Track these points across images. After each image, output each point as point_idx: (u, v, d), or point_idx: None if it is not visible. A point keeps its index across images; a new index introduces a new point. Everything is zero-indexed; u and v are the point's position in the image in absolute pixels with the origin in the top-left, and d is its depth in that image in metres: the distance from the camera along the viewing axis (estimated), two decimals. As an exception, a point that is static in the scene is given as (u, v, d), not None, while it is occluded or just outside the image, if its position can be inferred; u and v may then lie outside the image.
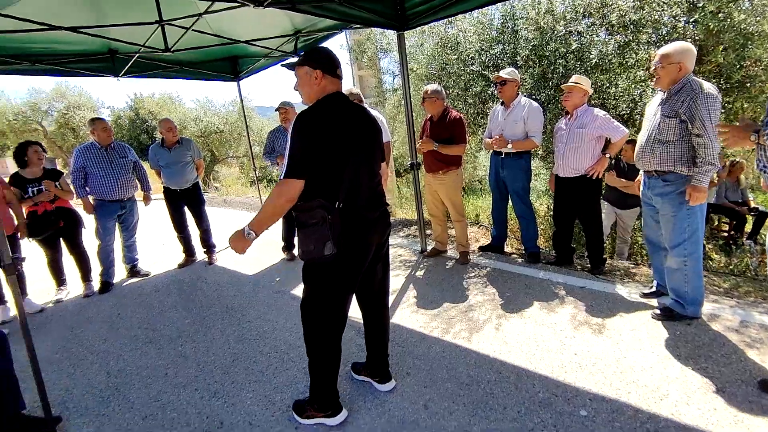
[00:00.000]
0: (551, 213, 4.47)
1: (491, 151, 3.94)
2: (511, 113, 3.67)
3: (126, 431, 2.12)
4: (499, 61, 5.35)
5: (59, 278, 4.11)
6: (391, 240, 4.86)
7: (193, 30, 3.96)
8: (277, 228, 4.04)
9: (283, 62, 2.02)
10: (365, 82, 7.93)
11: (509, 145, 3.63)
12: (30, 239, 3.73)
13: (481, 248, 4.34)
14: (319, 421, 2.00)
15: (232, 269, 4.51)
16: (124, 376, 2.61)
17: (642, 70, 4.38)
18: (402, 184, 8.44)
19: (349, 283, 1.88)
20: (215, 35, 4.43)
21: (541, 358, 2.40)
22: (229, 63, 5.79)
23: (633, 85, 4.42)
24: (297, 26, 4.58)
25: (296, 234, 2.02)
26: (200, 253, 4.89)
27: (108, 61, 4.71)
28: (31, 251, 3.82)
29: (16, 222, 3.62)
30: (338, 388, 2.03)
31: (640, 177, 2.87)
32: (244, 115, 7.00)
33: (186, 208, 4.65)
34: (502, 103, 3.79)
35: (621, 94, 4.48)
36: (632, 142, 3.50)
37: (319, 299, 1.87)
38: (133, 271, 4.52)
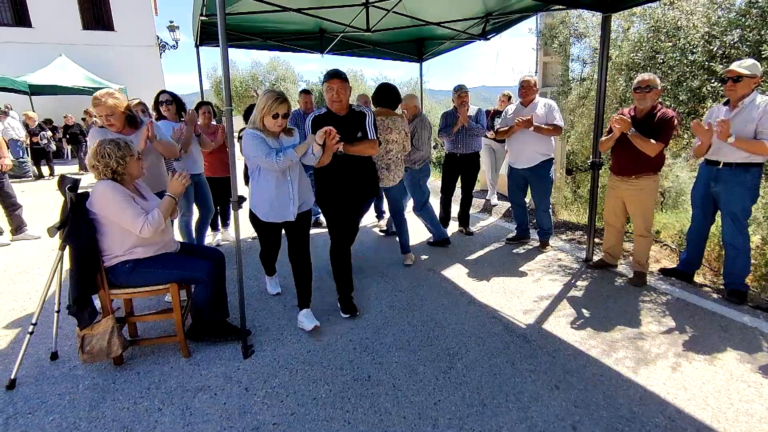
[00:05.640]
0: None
1: (702, 160, 3.26)
2: (739, 114, 2.94)
3: (294, 358, 2.49)
4: (732, 51, 4.31)
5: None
6: (552, 243, 4.52)
7: (393, 12, 4.21)
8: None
9: None
10: (549, 69, 7.32)
11: (731, 139, 2.93)
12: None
13: (663, 271, 3.70)
14: None
15: (388, 237, 4.82)
16: (296, 312, 3.04)
17: None
18: (582, 183, 7.65)
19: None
20: (409, 16, 4.64)
21: (735, 420, 1.95)
22: (415, 45, 6.05)
23: None
24: (490, 8, 4.46)
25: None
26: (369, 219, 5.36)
27: (317, 39, 5.40)
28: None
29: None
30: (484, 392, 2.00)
31: None
32: (421, 95, 7.23)
33: None
34: (726, 103, 3.08)
35: None
36: None
37: None
38: (316, 223, 5.20)
